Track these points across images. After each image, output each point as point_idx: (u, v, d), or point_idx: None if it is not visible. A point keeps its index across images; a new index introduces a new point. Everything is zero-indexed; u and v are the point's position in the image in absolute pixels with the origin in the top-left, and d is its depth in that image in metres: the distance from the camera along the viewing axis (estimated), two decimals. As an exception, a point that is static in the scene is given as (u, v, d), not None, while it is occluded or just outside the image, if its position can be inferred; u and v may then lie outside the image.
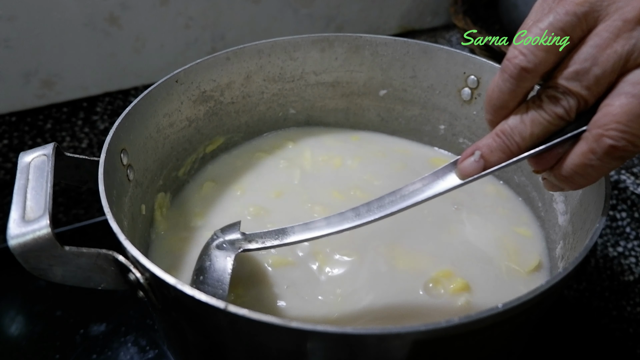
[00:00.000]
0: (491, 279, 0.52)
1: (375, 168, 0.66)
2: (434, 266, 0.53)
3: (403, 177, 0.62)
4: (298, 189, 0.63)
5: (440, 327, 0.32)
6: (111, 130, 0.48)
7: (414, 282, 0.51)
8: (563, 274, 0.36)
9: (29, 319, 0.67)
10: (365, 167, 0.67)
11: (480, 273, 0.52)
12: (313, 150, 0.69)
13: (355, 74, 0.69)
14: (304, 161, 0.67)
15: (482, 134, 0.65)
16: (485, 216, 0.60)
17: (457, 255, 0.54)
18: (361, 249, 0.54)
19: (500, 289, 0.51)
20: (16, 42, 0.73)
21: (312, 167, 0.66)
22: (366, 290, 0.50)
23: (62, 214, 0.87)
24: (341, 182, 0.64)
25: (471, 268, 0.53)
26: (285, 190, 0.63)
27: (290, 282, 0.51)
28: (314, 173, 0.66)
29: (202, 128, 0.64)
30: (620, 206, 0.68)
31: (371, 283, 0.51)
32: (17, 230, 0.36)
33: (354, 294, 0.50)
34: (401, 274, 0.52)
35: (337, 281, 0.51)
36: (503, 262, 0.54)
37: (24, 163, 0.42)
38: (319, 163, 0.67)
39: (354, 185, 0.63)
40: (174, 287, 0.35)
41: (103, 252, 0.39)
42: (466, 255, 0.54)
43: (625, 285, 0.68)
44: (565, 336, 0.67)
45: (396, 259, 0.53)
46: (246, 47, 0.63)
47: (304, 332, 0.33)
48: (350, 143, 0.72)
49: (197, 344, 0.43)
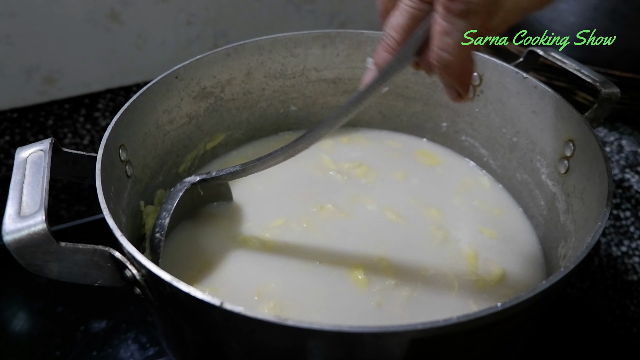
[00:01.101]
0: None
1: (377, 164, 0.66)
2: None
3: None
4: (300, 186, 0.63)
5: (439, 325, 0.32)
6: (109, 125, 0.48)
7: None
8: (564, 272, 0.36)
9: (29, 316, 0.67)
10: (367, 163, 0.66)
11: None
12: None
13: (357, 70, 0.69)
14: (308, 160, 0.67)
15: (484, 132, 0.65)
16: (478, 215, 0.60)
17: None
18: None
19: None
20: (17, 38, 0.72)
21: (314, 166, 0.66)
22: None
23: (65, 210, 0.87)
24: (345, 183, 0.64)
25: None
26: (286, 187, 0.63)
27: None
28: (316, 172, 0.65)
29: (203, 124, 0.64)
30: (625, 205, 0.67)
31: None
32: (12, 225, 0.36)
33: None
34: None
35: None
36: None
37: (20, 158, 0.42)
38: (321, 162, 0.67)
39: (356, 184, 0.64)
40: (170, 283, 0.35)
41: (99, 248, 0.38)
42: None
43: (629, 285, 0.67)
44: (569, 335, 0.66)
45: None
46: (247, 43, 0.63)
47: (300, 329, 0.32)
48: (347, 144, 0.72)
49: (195, 342, 0.43)
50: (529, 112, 0.58)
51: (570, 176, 0.53)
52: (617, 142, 0.71)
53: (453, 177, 0.66)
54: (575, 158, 0.52)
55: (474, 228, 0.58)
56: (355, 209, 0.60)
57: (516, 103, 0.59)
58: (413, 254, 0.54)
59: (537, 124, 0.57)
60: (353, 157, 0.68)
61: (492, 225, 0.59)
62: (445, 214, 0.60)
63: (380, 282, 0.51)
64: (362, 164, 0.66)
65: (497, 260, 0.55)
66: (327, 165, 0.66)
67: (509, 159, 0.63)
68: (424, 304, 0.49)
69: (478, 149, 0.67)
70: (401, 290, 0.50)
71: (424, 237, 0.56)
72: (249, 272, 0.52)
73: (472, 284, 0.51)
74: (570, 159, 0.53)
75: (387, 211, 0.59)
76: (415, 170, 0.66)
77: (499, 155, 0.64)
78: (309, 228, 0.57)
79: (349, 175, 0.65)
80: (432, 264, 0.53)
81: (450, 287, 0.51)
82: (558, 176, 0.55)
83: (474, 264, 0.53)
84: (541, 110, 0.56)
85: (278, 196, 0.62)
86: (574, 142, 0.52)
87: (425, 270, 0.52)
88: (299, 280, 0.51)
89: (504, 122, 0.62)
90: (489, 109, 0.63)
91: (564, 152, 0.54)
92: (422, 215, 0.59)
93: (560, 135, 0.54)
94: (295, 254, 0.54)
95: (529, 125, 0.59)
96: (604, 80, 0.53)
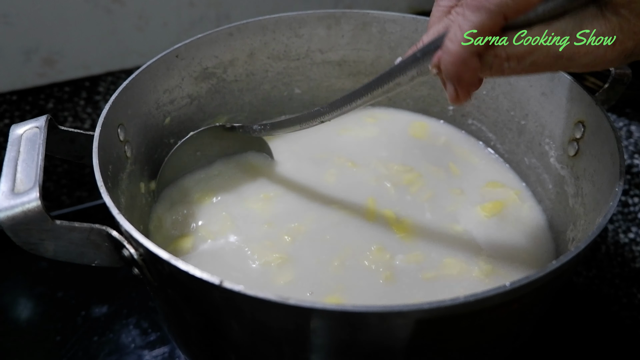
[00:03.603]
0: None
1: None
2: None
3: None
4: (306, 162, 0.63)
5: (445, 305, 0.31)
6: (107, 103, 0.47)
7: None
8: (574, 252, 0.35)
9: (30, 301, 0.67)
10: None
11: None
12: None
13: (363, 52, 0.67)
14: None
15: (491, 115, 0.63)
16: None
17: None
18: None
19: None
20: (16, 18, 0.71)
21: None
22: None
23: (66, 195, 0.87)
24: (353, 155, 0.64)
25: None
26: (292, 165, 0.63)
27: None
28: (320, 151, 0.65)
29: (205, 106, 0.63)
30: (633, 191, 0.66)
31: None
32: (6, 202, 0.35)
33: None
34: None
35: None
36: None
37: (15, 135, 0.41)
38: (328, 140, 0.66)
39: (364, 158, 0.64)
40: (168, 262, 0.34)
41: (96, 227, 0.37)
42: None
43: (636, 273, 0.66)
44: (575, 324, 0.65)
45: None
46: (250, 22, 0.62)
47: (302, 309, 0.31)
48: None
49: (195, 323, 0.42)
50: (538, 94, 0.57)
51: (579, 158, 0.52)
52: (627, 127, 0.70)
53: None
54: (585, 140, 0.51)
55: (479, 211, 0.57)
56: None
57: (525, 85, 0.58)
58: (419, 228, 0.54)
59: (546, 106, 0.56)
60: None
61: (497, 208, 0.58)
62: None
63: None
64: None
65: (505, 243, 0.54)
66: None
67: (517, 142, 0.62)
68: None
69: (485, 133, 0.65)
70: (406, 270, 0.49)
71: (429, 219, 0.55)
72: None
73: (478, 268, 0.50)
74: (580, 141, 0.51)
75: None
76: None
77: (507, 140, 0.63)
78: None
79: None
80: (436, 248, 0.52)
81: (456, 271, 0.50)
82: (567, 159, 0.54)
83: (479, 248, 0.52)
84: (551, 92, 0.55)
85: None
86: (585, 123, 0.51)
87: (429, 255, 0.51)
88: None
89: (512, 105, 0.61)
90: (497, 91, 0.62)
91: (573, 134, 0.52)
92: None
93: (570, 117, 0.53)
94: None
95: (538, 107, 0.57)
96: (615, 60, 0.51)
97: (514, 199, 0.59)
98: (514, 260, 0.52)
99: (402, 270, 0.50)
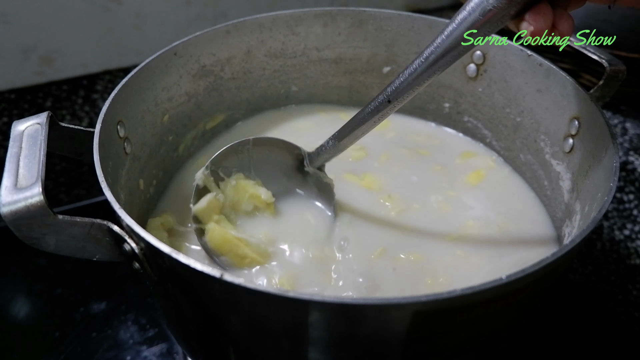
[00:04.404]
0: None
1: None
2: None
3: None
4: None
5: (442, 297, 0.31)
6: (107, 100, 0.47)
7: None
8: (570, 245, 0.35)
9: (29, 297, 0.67)
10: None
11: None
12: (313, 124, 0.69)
13: (359, 50, 0.68)
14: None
15: (487, 112, 0.64)
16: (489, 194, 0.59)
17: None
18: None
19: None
20: (14, 17, 0.71)
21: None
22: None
23: (64, 194, 0.87)
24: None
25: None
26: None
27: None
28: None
29: (202, 104, 0.63)
30: (628, 188, 0.67)
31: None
32: (9, 197, 0.35)
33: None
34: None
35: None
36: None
37: (17, 131, 0.41)
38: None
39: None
40: (169, 255, 0.34)
41: (97, 221, 0.38)
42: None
43: (631, 269, 0.67)
44: (571, 320, 0.66)
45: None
46: (247, 20, 0.62)
47: (301, 301, 0.32)
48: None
49: (194, 318, 0.42)
50: (533, 91, 0.57)
51: (575, 154, 0.52)
52: (622, 124, 0.71)
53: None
54: (580, 136, 0.51)
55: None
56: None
57: (521, 82, 0.59)
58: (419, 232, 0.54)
59: (541, 103, 0.57)
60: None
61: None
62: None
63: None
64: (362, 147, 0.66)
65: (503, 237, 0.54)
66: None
67: (512, 139, 0.62)
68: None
69: (481, 130, 0.66)
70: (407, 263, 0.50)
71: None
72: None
73: (477, 263, 0.51)
74: (575, 137, 0.52)
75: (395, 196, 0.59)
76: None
77: (503, 136, 0.63)
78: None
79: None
80: (435, 242, 0.53)
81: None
82: (563, 155, 0.54)
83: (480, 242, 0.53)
84: (546, 89, 0.56)
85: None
86: (580, 120, 0.51)
87: (429, 249, 0.52)
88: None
89: (508, 101, 0.61)
90: (492, 88, 0.62)
91: (569, 130, 0.53)
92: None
93: (566, 114, 0.53)
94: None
95: (533, 104, 0.58)
96: (610, 57, 0.52)
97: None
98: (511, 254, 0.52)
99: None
